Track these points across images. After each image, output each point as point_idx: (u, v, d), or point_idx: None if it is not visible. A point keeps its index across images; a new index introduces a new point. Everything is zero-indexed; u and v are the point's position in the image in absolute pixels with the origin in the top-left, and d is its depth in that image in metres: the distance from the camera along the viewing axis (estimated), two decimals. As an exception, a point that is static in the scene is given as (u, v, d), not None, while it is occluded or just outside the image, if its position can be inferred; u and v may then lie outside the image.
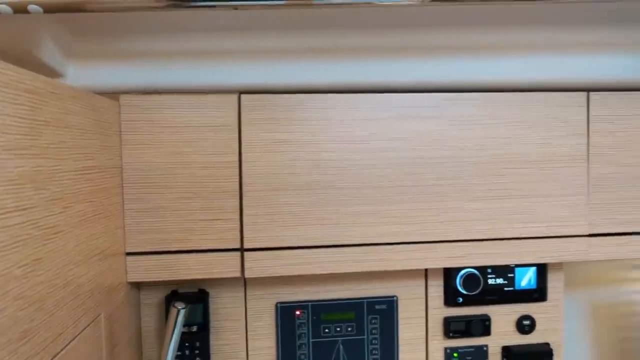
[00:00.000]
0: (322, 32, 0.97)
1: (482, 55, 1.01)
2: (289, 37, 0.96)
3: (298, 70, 0.98)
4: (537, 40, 1.00)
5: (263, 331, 1.06)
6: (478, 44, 1.00)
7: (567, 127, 1.00)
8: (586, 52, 1.04)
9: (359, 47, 0.98)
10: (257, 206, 0.94)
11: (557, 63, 1.03)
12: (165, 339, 0.80)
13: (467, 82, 1.01)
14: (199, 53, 0.96)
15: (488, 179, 0.98)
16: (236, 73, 0.97)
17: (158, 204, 0.92)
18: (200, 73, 0.96)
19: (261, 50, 0.96)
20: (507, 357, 1.10)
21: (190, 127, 0.92)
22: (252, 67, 0.97)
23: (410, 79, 1.00)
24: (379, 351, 1.08)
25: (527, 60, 1.01)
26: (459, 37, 0.99)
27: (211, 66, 0.97)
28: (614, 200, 1.02)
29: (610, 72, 1.05)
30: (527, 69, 1.02)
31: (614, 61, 1.05)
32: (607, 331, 1.35)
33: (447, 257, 0.99)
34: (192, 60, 0.96)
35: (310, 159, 0.94)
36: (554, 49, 1.02)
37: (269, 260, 0.94)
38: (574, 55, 1.03)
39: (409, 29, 0.98)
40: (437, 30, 0.98)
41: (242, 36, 0.96)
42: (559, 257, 1.01)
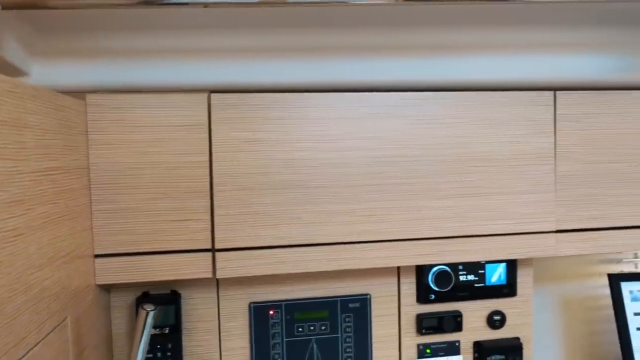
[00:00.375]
0: (294, 31, 0.97)
1: (452, 55, 1.02)
2: (260, 36, 0.96)
3: (269, 70, 0.98)
4: (505, 40, 1.02)
5: (236, 331, 1.05)
6: (448, 44, 1.02)
7: (535, 125, 1.02)
8: (553, 52, 1.06)
9: (329, 47, 0.98)
10: (228, 206, 0.93)
11: (524, 63, 1.05)
12: (134, 341, 0.79)
13: (437, 82, 1.02)
14: (169, 51, 0.95)
15: (458, 177, 0.99)
16: (207, 72, 0.96)
17: (127, 205, 0.90)
18: (170, 72, 0.95)
19: (232, 49, 0.96)
20: (479, 352, 1.12)
21: (160, 126, 0.91)
22: (223, 66, 0.97)
23: (380, 78, 1.00)
24: (352, 349, 1.08)
25: (495, 59, 1.03)
26: (428, 38, 1.00)
27: (181, 65, 0.96)
28: (580, 197, 1.04)
29: (577, 72, 1.08)
30: (496, 68, 1.03)
31: (580, 61, 1.08)
32: (575, 324, 1.38)
33: (419, 254, 1.00)
34: (162, 59, 0.95)
35: (281, 158, 0.94)
36: (521, 49, 1.04)
37: (240, 261, 0.94)
38: (541, 55, 1.05)
39: (379, 29, 0.98)
40: (407, 31, 0.99)
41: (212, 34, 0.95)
42: (527, 253, 1.03)
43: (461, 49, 1.02)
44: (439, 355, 1.11)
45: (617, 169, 1.05)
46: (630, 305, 1.22)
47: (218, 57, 0.96)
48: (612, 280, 1.23)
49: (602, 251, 1.06)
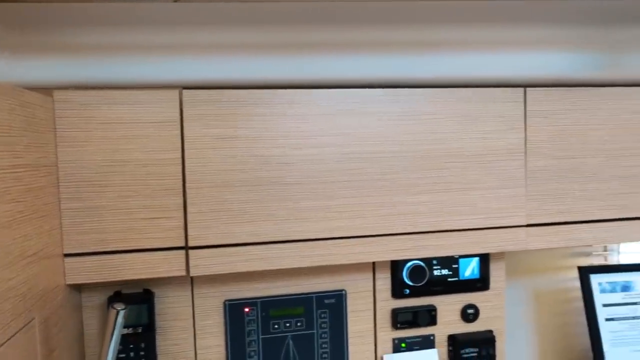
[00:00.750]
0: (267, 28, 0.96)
1: (426, 53, 1.03)
2: (232, 32, 0.95)
3: (242, 66, 0.97)
4: (477, 37, 1.04)
5: (212, 329, 1.05)
6: (421, 41, 1.03)
7: (505, 121, 1.03)
8: (523, 49, 1.08)
9: (303, 43, 0.98)
10: (201, 203, 0.92)
11: (496, 60, 1.06)
12: (105, 341, 0.78)
13: (411, 78, 1.03)
14: (140, 47, 0.94)
15: (430, 173, 1.01)
16: (178, 68, 0.95)
17: (97, 203, 0.89)
18: (141, 68, 0.94)
19: (204, 45, 0.95)
20: (453, 345, 1.14)
21: (130, 123, 0.90)
22: (195, 63, 0.96)
23: (354, 75, 1.01)
24: (328, 345, 1.09)
25: (467, 57, 1.04)
26: (401, 35, 1.01)
27: (152, 61, 0.94)
28: (550, 192, 1.06)
29: (546, 69, 1.10)
30: (468, 65, 1.05)
31: (550, 58, 1.10)
32: (547, 317, 1.42)
33: (393, 249, 1.01)
34: (133, 55, 0.94)
35: (255, 155, 0.94)
36: (492, 46, 1.05)
37: (214, 258, 0.93)
38: (512, 53, 1.07)
39: (354, 26, 0.98)
40: (381, 28, 0.99)
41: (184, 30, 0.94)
42: (499, 247, 1.05)
43: (434, 46, 1.03)
44: (414, 349, 1.13)
45: (585, 164, 1.08)
46: (599, 296, 1.25)
47: (190, 53, 0.95)
48: (582, 273, 1.26)
49: (570, 244, 1.09)
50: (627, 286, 1.27)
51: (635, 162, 1.10)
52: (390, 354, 1.12)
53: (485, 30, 1.04)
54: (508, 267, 1.38)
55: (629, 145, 1.09)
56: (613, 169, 1.09)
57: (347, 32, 0.99)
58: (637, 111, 1.09)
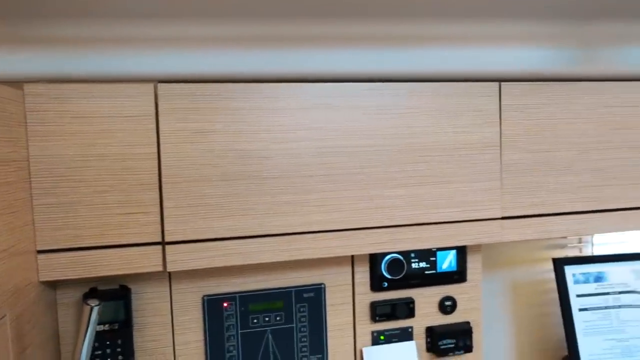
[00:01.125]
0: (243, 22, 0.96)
1: (402, 47, 1.04)
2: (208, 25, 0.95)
3: (219, 60, 0.97)
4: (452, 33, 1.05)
5: (190, 325, 1.04)
6: (398, 36, 1.03)
7: (481, 115, 1.05)
8: (498, 44, 1.09)
9: (280, 37, 0.98)
10: (177, 198, 0.92)
11: (471, 55, 1.07)
12: (79, 338, 0.77)
13: (387, 72, 1.04)
14: (114, 40, 0.92)
15: (407, 167, 1.01)
16: (154, 62, 0.94)
17: (71, 199, 0.88)
18: (115, 61, 0.93)
19: (180, 38, 0.94)
20: (431, 336, 1.16)
21: (104, 117, 0.89)
22: (171, 56, 0.95)
23: (331, 69, 1.01)
24: (308, 338, 1.09)
25: (443, 52, 1.05)
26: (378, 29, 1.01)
27: (127, 54, 0.93)
28: (524, 185, 1.08)
29: (521, 64, 1.12)
30: (444, 60, 1.06)
31: (525, 53, 1.12)
32: (524, 308, 1.44)
33: (371, 243, 1.02)
34: (106, 48, 0.92)
35: (232, 149, 0.94)
36: (468, 42, 1.07)
37: (191, 253, 0.93)
38: (487, 48, 1.08)
39: (330, 20, 0.99)
40: (357, 22, 1.00)
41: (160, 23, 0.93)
42: (475, 239, 1.07)
43: (411, 41, 1.04)
44: (392, 342, 1.14)
45: (559, 157, 1.10)
46: (573, 287, 1.28)
47: (166, 46, 0.94)
48: (557, 265, 1.29)
49: (544, 236, 1.11)
50: (600, 277, 1.30)
51: (607, 155, 1.12)
52: (369, 346, 1.13)
53: (461, 25, 1.05)
54: (485, 260, 1.40)
55: (602, 139, 1.12)
56: (586, 162, 1.11)
57: (324, 26, 0.99)
58: (609, 105, 1.12)
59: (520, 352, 1.45)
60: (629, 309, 1.29)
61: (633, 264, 1.31)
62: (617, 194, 1.14)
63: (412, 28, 1.03)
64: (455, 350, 1.15)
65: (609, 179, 1.13)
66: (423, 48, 1.04)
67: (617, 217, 1.14)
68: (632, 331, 1.27)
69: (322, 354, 1.10)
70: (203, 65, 0.96)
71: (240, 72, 0.98)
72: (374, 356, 1.12)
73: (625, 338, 1.26)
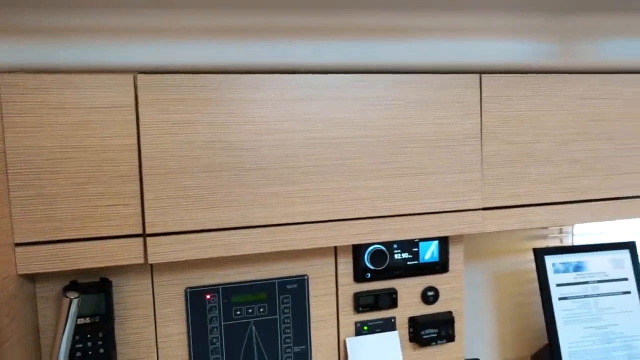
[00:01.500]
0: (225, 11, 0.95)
1: (384, 39, 1.04)
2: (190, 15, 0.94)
3: (199, 50, 0.96)
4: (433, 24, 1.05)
5: (173, 317, 1.04)
6: (380, 27, 1.03)
7: (462, 107, 1.06)
8: (479, 37, 1.10)
9: (263, 27, 0.97)
10: (158, 190, 0.91)
11: (452, 47, 1.08)
12: (58, 330, 0.76)
13: (368, 64, 1.04)
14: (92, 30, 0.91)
15: (389, 158, 1.02)
16: (134, 52, 0.93)
17: (50, 191, 0.87)
18: (94, 51, 0.91)
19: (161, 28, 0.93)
20: (414, 326, 1.17)
21: (83, 108, 0.87)
22: (151, 46, 0.94)
23: (313, 60, 1.01)
24: (291, 330, 1.10)
25: (424, 43, 1.06)
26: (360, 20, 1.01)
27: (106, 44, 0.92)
28: (505, 176, 1.10)
29: (501, 56, 1.13)
30: (424, 52, 1.06)
31: (505, 46, 1.13)
32: (505, 298, 1.46)
33: (354, 234, 1.02)
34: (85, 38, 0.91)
35: (213, 140, 0.93)
36: (449, 34, 1.07)
37: (173, 245, 0.92)
38: (468, 40, 1.09)
39: (313, 11, 0.98)
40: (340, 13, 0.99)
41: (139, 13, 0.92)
42: (457, 230, 1.08)
43: (392, 32, 1.04)
44: (375, 332, 1.15)
45: (538, 148, 1.11)
46: (553, 276, 1.30)
47: (146, 36, 0.93)
48: (537, 254, 1.31)
49: (525, 227, 1.12)
50: (579, 266, 1.32)
51: (586, 146, 1.14)
52: (352, 337, 1.14)
53: (442, 17, 1.05)
54: (468, 250, 1.42)
55: (580, 131, 1.13)
56: (565, 153, 1.13)
57: (308, 17, 0.99)
58: (587, 97, 1.14)
59: (502, 341, 1.47)
60: (607, 297, 1.31)
61: (611, 254, 1.34)
62: (595, 184, 1.16)
63: (395, 20, 1.04)
64: (438, 339, 1.17)
65: (588, 170, 1.15)
66: (405, 40, 1.04)
67: (596, 207, 1.16)
68: (610, 319, 1.30)
69: (305, 345, 1.11)
70: (184, 56, 0.95)
71: (222, 63, 0.98)
72: (358, 346, 1.13)
73: (604, 325, 1.29)
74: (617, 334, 1.29)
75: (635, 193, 1.18)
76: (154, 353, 1.03)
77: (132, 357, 1.02)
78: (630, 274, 1.34)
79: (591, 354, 1.27)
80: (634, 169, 1.18)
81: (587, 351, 1.27)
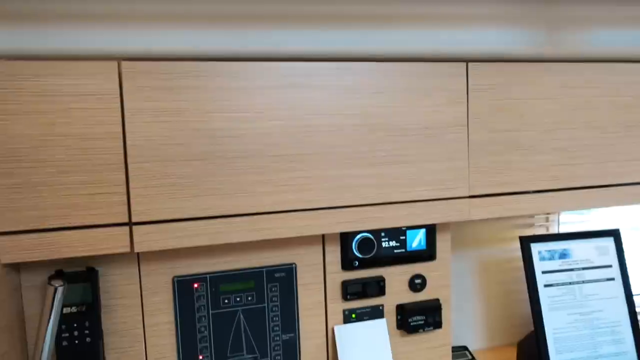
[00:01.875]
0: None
1: (370, 27, 1.04)
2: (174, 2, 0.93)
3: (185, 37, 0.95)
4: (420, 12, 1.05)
5: (161, 306, 1.04)
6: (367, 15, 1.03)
7: (449, 95, 1.06)
8: (466, 25, 1.10)
9: (248, 14, 0.96)
10: (144, 178, 0.90)
11: (439, 35, 1.08)
12: (42, 319, 0.76)
13: (354, 52, 1.04)
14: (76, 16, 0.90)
15: (376, 146, 1.02)
16: (117, 39, 0.92)
17: (32, 179, 0.86)
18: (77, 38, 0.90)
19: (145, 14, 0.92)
20: (401, 314, 1.18)
21: (66, 95, 0.86)
22: (135, 33, 0.93)
23: (299, 48, 1.00)
24: (279, 318, 1.10)
25: (411, 31, 1.06)
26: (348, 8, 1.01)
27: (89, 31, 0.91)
28: (491, 164, 1.10)
29: (488, 44, 1.13)
30: (411, 40, 1.06)
31: (491, 34, 1.13)
32: (492, 286, 1.48)
33: (341, 222, 1.02)
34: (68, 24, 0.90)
35: (199, 128, 0.93)
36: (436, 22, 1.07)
37: (159, 234, 0.92)
38: (455, 28, 1.09)
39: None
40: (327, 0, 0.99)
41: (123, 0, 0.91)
42: (443, 218, 1.08)
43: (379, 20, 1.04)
44: (363, 319, 1.16)
45: (524, 136, 1.12)
46: (539, 264, 1.32)
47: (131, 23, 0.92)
48: (523, 242, 1.32)
49: (511, 214, 1.13)
50: (564, 254, 1.34)
51: (570, 134, 1.15)
52: (340, 324, 1.15)
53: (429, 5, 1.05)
54: (455, 239, 1.43)
55: (564, 119, 1.14)
56: (550, 141, 1.14)
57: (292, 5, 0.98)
58: (572, 86, 1.14)
59: (489, 328, 1.49)
60: (592, 284, 1.33)
61: (596, 241, 1.36)
62: (581, 172, 1.17)
63: (382, 8, 1.03)
64: (425, 326, 1.18)
65: (573, 158, 1.16)
66: (392, 28, 1.04)
67: (579, 195, 1.18)
68: (594, 305, 1.32)
69: (294, 333, 1.11)
70: (169, 43, 0.94)
71: (208, 51, 0.97)
72: (346, 334, 1.14)
73: (588, 312, 1.31)
74: (601, 320, 1.31)
75: (621, 181, 1.20)
76: (141, 342, 1.03)
77: (119, 346, 1.02)
78: (615, 261, 1.36)
79: (576, 339, 1.29)
80: (619, 157, 1.19)
81: (572, 337, 1.29)
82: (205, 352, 1.06)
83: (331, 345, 1.15)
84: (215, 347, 1.06)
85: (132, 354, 1.03)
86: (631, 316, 1.33)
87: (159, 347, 1.04)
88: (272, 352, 1.10)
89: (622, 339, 1.31)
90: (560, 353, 1.27)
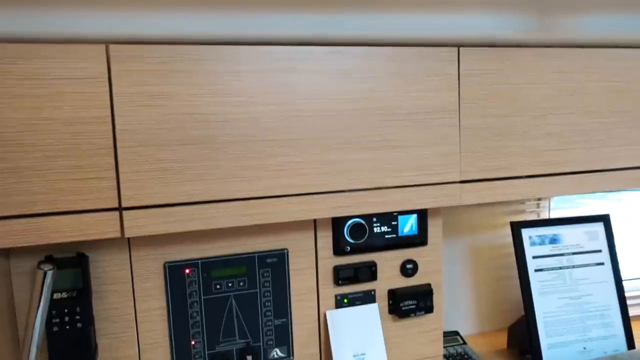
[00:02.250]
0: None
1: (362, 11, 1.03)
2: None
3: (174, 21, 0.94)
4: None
5: (152, 292, 1.04)
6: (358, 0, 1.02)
7: (440, 80, 1.06)
8: (458, 10, 1.09)
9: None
10: (134, 163, 0.90)
11: (430, 20, 1.07)
12: (32, 304, 0.76)
13: (346, 37, 1.03)
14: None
15: (367, 131, 1.02)
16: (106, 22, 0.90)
17: (20, 164, 0.85)
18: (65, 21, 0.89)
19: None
20: (393, 299, 1.18)
21: (54, 79, 0.85)
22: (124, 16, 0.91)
23: (290, 32, 0.99)
24: (271, 303, 1.10)
25: (402, 16, 1.05)
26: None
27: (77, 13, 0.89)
28: (483, 149, 1.10)
29: (479, 30, 1.12)
30: (403, 25, 1.05)
31: (483, 19, 1.12)
32: (484, 272, 1.49)
33: (333, 207, 1.02)
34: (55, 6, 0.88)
35: (189, 112, 0.92)
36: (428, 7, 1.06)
37: (150, 219, 0.92)
38: (447, 13, 1.08)
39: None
40: (316, -18, 0.98)
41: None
42: (435, 202, 1.09)
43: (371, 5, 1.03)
44: (355, 304, 1.16)
45: (516, 121, 1.12)
46: (529, 249, 1.33)
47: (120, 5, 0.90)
48: (514, 228, 1.33)
49: (502, 199, 1.14)
50: (555, 239, 1.35)
51: (562, 120, 1.15)
52: (332, 309, 1.15)
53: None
54: (447, 225, 1.44)
55: (557, 104, 1.14)
56: (542, 126, 1.14)
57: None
58: (564, 71, 1.14)
59: (480, 314, 1.50)
60: (581, 268, 1.35)
61: (586, 226, 1.37)
62: (572, 157, 1.17)
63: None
64: (417, 311, 1.19)
65: (565, 144, 1.16)
66: (383, 12, 1.03)
67: (572, 180, 1.18)
68: (583, 289, 1.33)
69: (286, 318, 1.12)
70: (159, 26, 0.93)
71: (198, 34, 0.96)
72: (338, 319, 1.14)
73: (578, 296, 1.33)
74: (591, 304, 1.33)
75: (613, 166, 1.20)
76: (133, 328, 1.03)
77: (110, 332, 1.02)
78: (604, 246, 1.37)
79: (566, 323, 1.30)
80: (612, 142, 1.19)
81: (562, 320, 1.30)
82: (197, 337, 1.06)
83: (323, 330, 1.15)
84: (208, 333, 1.07)
85: (124, 340, 1.03)
86: (620, 300, 1.35)
87: (150, 332, 1.04)
88: (264, 337, 1.11)
89: (611, 322, 1.33)
90: (551, 337, 1.29)
